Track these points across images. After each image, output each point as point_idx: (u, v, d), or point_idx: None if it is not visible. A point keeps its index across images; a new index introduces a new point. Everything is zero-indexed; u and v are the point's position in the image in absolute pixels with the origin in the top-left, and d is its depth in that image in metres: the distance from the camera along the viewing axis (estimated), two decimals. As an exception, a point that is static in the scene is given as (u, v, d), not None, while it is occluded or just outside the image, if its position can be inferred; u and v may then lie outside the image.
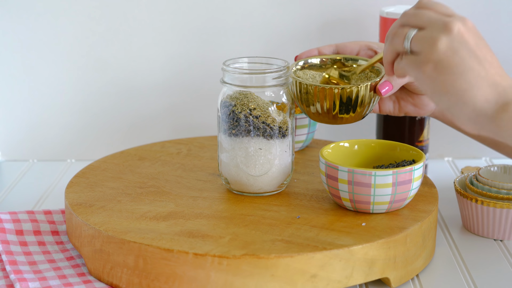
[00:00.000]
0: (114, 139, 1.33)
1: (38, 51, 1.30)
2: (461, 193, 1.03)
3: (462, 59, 0.83)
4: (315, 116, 1.01)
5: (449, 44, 0.83)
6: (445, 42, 0.83)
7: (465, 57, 0.83)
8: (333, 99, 0.97)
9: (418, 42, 0.85)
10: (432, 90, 0.85)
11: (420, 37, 0.85)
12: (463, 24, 0.84)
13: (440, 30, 0.84)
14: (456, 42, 0.83)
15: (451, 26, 0.83)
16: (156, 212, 0.94)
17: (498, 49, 1.29)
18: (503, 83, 0.84)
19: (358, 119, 1.00)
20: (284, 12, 1.29)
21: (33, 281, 0.88)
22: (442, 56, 0.83)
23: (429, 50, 0.84)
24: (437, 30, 0.84)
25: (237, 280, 0.84)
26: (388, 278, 0.89)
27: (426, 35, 0.85)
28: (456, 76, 0.83)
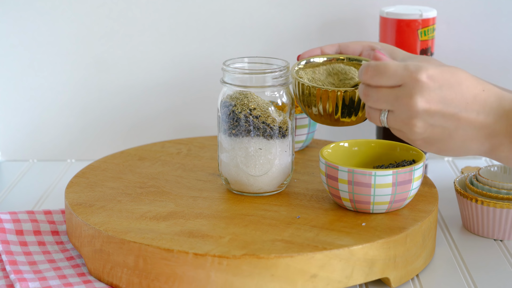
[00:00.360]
0: (114, 139, 1.33)
1: (38, 51, 1.29)
2: (461, 193, 1.03)
3: (442, 128, 0.85)
4: (316, 118, 1.00)
5: (424, 123, 0.85)
6: (420, 124, 0.85)
7: (443, 124, 0.85)
8: (336, 101, 0.97)
9: (395, 125, 0.87)
10: (432, 151, 0.88)
11: (393, 122, 0.87)
12: (421, 94, 0.84)
13: (407, 113, 0.85)
14: (427, 117, 0.84)
15: (415, 107, 0.84)
16: (156, 212, 0.94)
17: (498, 49, 1.29)
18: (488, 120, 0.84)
19: (359, 122, 1.00)
20: (284, 12, 1.29)
21: (33, 281, 0.88)
22: (425, 135, 0.85)
23: (410, 133, 0.86)
24: (405, 114, 0.85)
25: (237, 280, 0.84)
26: (388, 278, 0.89)
27: (397, 120, 0.86)
28: (446, 142, 0.86)
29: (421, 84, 0.83)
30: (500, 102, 0.84)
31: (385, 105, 0.86)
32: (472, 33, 1.29)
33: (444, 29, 1.28)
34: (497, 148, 0.85)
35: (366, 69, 0.87)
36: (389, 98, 0.86)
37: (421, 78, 0.83)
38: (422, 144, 0.87)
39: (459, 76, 0.84)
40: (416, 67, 0.84)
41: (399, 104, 0.85)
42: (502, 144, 0.84)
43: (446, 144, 0.86)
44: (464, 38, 1.29)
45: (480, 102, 0.84)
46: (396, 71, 0.85)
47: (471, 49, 1.29)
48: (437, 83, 0.84)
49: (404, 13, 1.15)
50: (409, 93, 0.84)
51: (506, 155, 0.85)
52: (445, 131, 0.85)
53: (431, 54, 1.20)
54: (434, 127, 0.85)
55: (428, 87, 0.83)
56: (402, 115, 0.85)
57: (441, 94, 0.84)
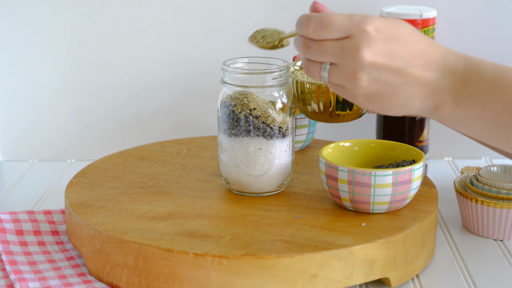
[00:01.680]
0: (114, 139, 1.33)
1: (38, 51, 1.29)
2: (461, 193, 1.03)
3: (387, 83, 0.81)
4: (313, 115, 1.01)
5: (368, 77, 0.81)
6: (364, 78, 0.81)
7: (388, 79, 0.81)
8: (329, 96, 0.98)
9: (337, 80, 0.82)
10: (372, 109, 0.85)
11: (336, 76, 0.82)
12: (368, 45, 0.80)
13: (352, 65, 0.81)
14: (373, 71, 0.81)
15: (361, 59, 0.80)
16: (156, 212, 0.94)
17: (498, 49, 1.29)
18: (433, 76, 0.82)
19: (355, 117, 1.00)
20: (284, 12, 1.29)
21: (33, 281, 0.88)
22: (368, 90, 0.82)
23: (353, 88, 0.82)
24: (349, 66, 0.81)
25: (237, 280, 0.84)
26: (388, 278, 0.89)
27: (341, 73, 0.82)
28: (389, 99, 0.82)
29: (368, 35, 0.80)
30: (445, 58, 0.82)
31: (328, 57, 0.81)
32: (472, 33, 1.29)
33: (444, 29, 1.28)
34: (440, 107, 0.83)
35: (308, 21, 0.82)
36: (334, 50, 0.81)
37: (368, 29, 0.80)
38: (363, 101, 0.83)
39: (405, 30, 0.81)
40: (363, 18, 0.80)
41: (344, 56, 0.80)
42: (445, 101, 0.82)
43: (389, 102, 0.83)
44: (464, 38, 1.29)
45: (425, 57, 0.82)
46: (342, 22, 0.81)
47: (471, 49, 1.29)
48: (384, 36, 0.80)
49: (404, 13, 1.15)
50: (356, 45, 0.80)
51: (448, 114, 0.83)
52: (389, 87, 0.81)
53: (431, 54, 1.19)
54: (378, 82, 0.81)
55: (375, 39, 0.80)
56: (347, 68, 0.81)
57: (388, 47, 0.80)
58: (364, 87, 0.81)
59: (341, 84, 0.82)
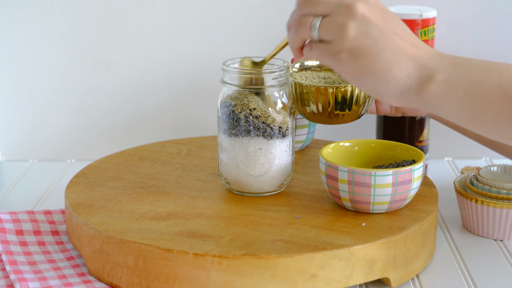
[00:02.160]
0: (114, 139, 1.33)
1: (38, 51, 1.30)
2: (461, 193, 1.03)
3: (374, 40, 0.81)
4: (311, 116, 1.01)
5: (358, 28, 0.81)
6: (354, 27, 0.81)
7: (376, 37, 0.81)
8: (328, 97, 0.98)
9: (326, 30, 0.82)
10: (352, 75, 0.83)
11: (326, 26, 0.82)
12: (365, 3, 0.81)
13: (345, 15, 0.81)
14: (364, 24, 0.81)
15: (354, 9, 0.81)
16: (156, 212, 0.94)
17: (498, 49, 1.29)
18: (421, 55, 0.82)
19: (354, 118, 1.00)
20: (284, 12, 1.29)
21: (33, 281, 0.88)
22: (355, 42, 0.81)
23: (340, 39, 0.82)
24: (342, 15, 0.81)
25: (237, 280, 0.84)
26: (388, 278, 0.89)
27: (332, 22, 0.82)
28: (373, 58, 0.81)
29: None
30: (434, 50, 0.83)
31: (323, 7, 0.82)
32: (472, 33, 1.29)
33: (444, 29, 1.28)
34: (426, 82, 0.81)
35: None
36: (331, 1, 0.82)
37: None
38: (346, 57, 0.82)
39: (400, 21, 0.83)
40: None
41: (339, 6, 0.81)
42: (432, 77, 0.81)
43: (371, 62, 0.81)
44: (464, 38, 1.29)
45: (415, 40, 0.82)
46: None
47: (471, 49, 1.29)
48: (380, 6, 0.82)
49: (404, 13, 1.15)
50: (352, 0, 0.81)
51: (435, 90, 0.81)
52: (375, 46, 0.81)
53: (431, 54, 1.19)
54: (366, 37, 0.81)
55: (372, 3, 0.81)
56: (338, 18, 0.81)
57: (383, 14, 0.82)
58: (351, 38, 0.81)
59: (328, 38, 0.82)
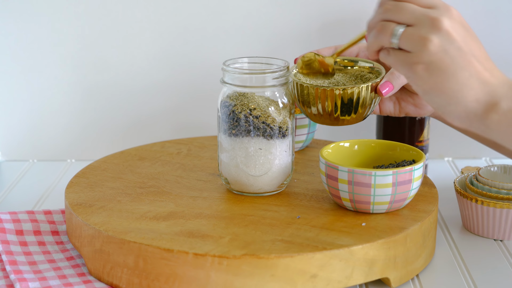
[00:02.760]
0: (114, 139, 1.33)
1: (38, 51, 1.30)
2: (461, 193, 1.03)
3: (452, 59, 0.82)
4: (316, 118, 1.00)
5: (440, 44, 0.82)
6: (436, 42, 0.82)
7: (455, 56, 0.82)
8: (334, 100, 0.97)
9: (407, 41, 0.83)
10: (423, 89, 0.84)
11: (409, 36, 0.83)
12: (449, 18, 0.82)
13: (429, 28, 0.82)
14: (446, 40, 0.82)
15: (439, 24, 0.82)
16: (156, 212, 0.94)
17: (498, 49, 1.29)
18: (492, 81, 0.83)
19: (359, 120, 1.00)
20: (284, 12, 1.29)
21: (33, 281, 0.88)
22: (434, 57, 0.82)
23: (420, 51, 0.82)
24: (426, 28, 0.82)
25: (237, 280, 0.84)
26: (388, 278, 0.89)
27: (415, 33, 0.82)
28: (447, 76, 0.82)
29: (452, 13, 0.83)
30: (505, 76, 0.84)
31: (408, 16, 0.83)
32: (472, 33, 1.28)
33: (444, 29, 1.28)
34: (492, 108, 0.82)
35: None
36: (416, 12, 0.83)
37: (453, 11, 0.83)
38: (422, 70, 0.83)
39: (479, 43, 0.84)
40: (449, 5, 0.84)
41: (425, 18, 0.82)
42: (498, 104, 0.82)
43: (445, 80, 0.82)
44: (464, 38, 1.28)
45: (490, 64, 0.83)
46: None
47: (471, 49, 1.28)
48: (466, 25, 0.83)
49: (404, 13, 1.15)
50: (439, 13, 0.82)
51: (498, 118, 0.82)
52: (453, 64, 0.82)
53: (431, 54, 1.19)
54: (445, 54, 0.82)
55: (456, 20, 0.83)
56: (422, 29, 0.82)
57: (466, 32, 0.83)
58: (431, 52, 0.82)
59: (408, 48, 0.83)
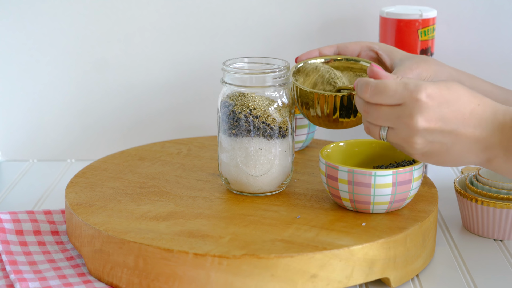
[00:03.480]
0: (114, 139, 1.33)
1: (38, 51, 1.30)
2: (461, 193, 1.03)
3: (441, 144, 0.87)
4: (315, 120, 1.00)
5: (423, 141, 0.87)
6: (419, 142, 0.87)
7: (442, 140, 0.87)
8: (334, 104, 0.97)
9: (395, 141, 0.89)
10: (430, 163, 0.90)
11: (393, 138, 0.89)
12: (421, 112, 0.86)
13: (408, 132, 0.87)
14: (427, 135, 0.87)
15: (415, 126, 0.86)
16: (156, 212, 0.94)
17: (498, 49, 1.29)
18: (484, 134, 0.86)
19: (359, 123, 1.00)
20: (284, 12, 1.29)
21: (33, 281, 0.88)
22: (424, 150, 0.88)
23: (410, 150, 0.88)
24: (405, 132, 0.87)
25: (237, 280, 0.84)
26: (388, 278, 0.89)
27: (398, 137, 0.88)
28: (444, 156, 0.88)
29: (421, 103, 0.85)
30: (495, 115, 0.87)
31: (385, 122, 0.88)
32: (472, 33, 1.29)
33: (444, 29, 1.28)
34: (492, 160, 0.87)
35: (366, 87, 0.89)
36: (389, 116, 0.88)
37: (421, 98, 0.85)
38: (421, 157, 0.89)
39: (457, 92, 0.87)
40: (416, 86, 0.86)
41: (399, 123, 0.87)
42: (497, 156, 0.87)
43: (444, 157, 0.88)
44: (464, 38, 1.29)
45: (476, 117, 0.86)
46: (396, 91, 0.87)
47: (471, 49, 1.29)
48: (436, 101, 0.86)
49: (404, 13, 1.15)
50: (409, 113, 0.86)
51: (500, 166, 0.87)
52: (443, 146, 0.87)
53: (431, 54, 1.20)
54: (433, 143, 0.87)
55: (428, 107, 0.85)
56: (402, 133, 0.87)
57: (440, 112, 0.86)
58: (420, 148, 0.88)
59: (398, 146, 0.89)
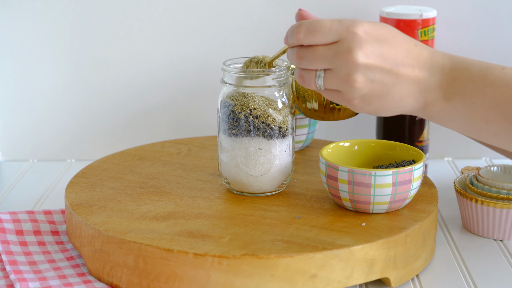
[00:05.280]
0: (114, 139, 1.33)
1: (38, 51, 1.30)
2: (461, 193, 1.03)
3: (381, 83, 0.83)
4: (311, 113, 1.01)
5: (364, 78, 0.83)
6: (360, 79, 0.83)
7: (382, 79, 0.83)
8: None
9: (332, 85, 0.84)
10: (367, 112, 0.86)
11: (331, 80, 0.84)
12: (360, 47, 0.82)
13: (347, 68, 0.82)
14: (367, 72, 0.82)
15: (355, 60, 0.82)
16: (156, 212, 0.94)
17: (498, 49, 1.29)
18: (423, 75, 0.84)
19: (352, 113, 1.00)
20: (284, 12, 1.29)
21: (33, 281, 0.88)
22: (364, 91, 0.83)
23: (349, 91, 0.83)
24: (344, 69, 0.82)
25: (237, 280, 0.84)
26: (388, 278, 0.89)
27: (336, 77, 0.83)
28: (384, 99, 0.84)
29: (359, 37, 0.82)
30: (433, 56, 0.85)
31: (322, 63, 0.83)
32: (472, 33, 1.29)
33: (444, 29, 1.28)
34: (431, 104, 0.85)
35: (299, 28, 0.83)
36: (327, 55, 0.83)
37: (358, 32, 0.82)
38: (359, 103, 0.85)
39: (393, 31, 0.84)
40: (351, 21, 0.82)
41: (338, 60, 0.82)
42: (436, 98, 0.85)
43: (383, 102, 0.84)
44: (464, 38, 1.29)
45: (414, 56, 0.84)
46: (332, 26, 0.82)
47: (471, 49, 1.29)
48: (374, 37, 0.82)
49: (404, 13, 1.15)
50: (348, 48, 0.82)
51: (438, 110, 0.85)
52: (383, 87, 0.83)
53: (431, 54, 1.19)
54: (373, 83, 0.83)
55: (366, 41, 0.82)
56: (342, 71, 0.83)
57: (379, 49, 0.83)
58: (360, 88, 0.83)
59: (336, 88, 0.84)
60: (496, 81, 0.83)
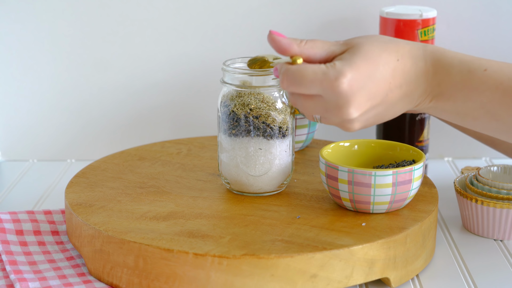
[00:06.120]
0: (114, 139, 1.33)
1: (38, 51, 1.30)
2: (461, 193, 1.03)
3: (376, 115, 0.86)
4: None
5: (359, 122, 0.86)
6: (356, 125, 0.86)
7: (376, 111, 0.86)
8: None
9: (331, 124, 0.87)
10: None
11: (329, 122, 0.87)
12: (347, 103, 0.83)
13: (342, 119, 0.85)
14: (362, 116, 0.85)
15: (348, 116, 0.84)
16: (156, 212, 0.94)
17: (498, 49, 1.29)
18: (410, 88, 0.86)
19: None
20: (284, 12, 1.29)
21: (33, 281, 0.88)
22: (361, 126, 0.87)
23: (348, 131, 0.87)
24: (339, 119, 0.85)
25: (237, 280, 0.84)
26: (388, 278, 0.89)
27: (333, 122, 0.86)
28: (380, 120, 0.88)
29: (346, 93, 0.83)
30: (416, 65, 0.86)
31: (315, 113, 0.86)
32: (472, 33, 1.29)
33: (444, 29, 1.28)
34: (420, 104, 0.89)
35: (282, 78, 0.85)
36: (317, 108, 0.85)
37: (344, 87, 0.82)
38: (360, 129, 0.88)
39: (373, 58, 0.84)
40: (335, 75, 0.82)
41: (330, 113, 0.85)
42: (424, 101, 0.88)
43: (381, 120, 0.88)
44: (464, 38, 1.29)
45: (398, 74, 0.85)
46: (315, 79, 0.83)
47: (471, 49, 1.29)
48: (359, 83, 0.83)
49: (404, 13, 1.15)
50: (336, 105, 0.84)
51: (427, 108, 0.89)
52: (379, 116, 0.87)
53: (431, 54, 1.19)
54: (369, 119, 0.86)
55: (353, 93, 0.83)
56: (336, 120, 0.86)
57: (366, 92, 0.84)
58: (357, 128, 0.87)
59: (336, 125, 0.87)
60: (479, 87, 0.86)
